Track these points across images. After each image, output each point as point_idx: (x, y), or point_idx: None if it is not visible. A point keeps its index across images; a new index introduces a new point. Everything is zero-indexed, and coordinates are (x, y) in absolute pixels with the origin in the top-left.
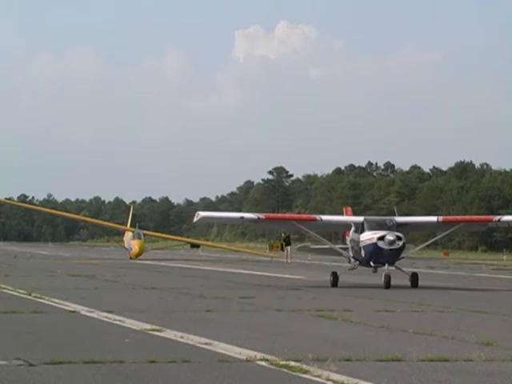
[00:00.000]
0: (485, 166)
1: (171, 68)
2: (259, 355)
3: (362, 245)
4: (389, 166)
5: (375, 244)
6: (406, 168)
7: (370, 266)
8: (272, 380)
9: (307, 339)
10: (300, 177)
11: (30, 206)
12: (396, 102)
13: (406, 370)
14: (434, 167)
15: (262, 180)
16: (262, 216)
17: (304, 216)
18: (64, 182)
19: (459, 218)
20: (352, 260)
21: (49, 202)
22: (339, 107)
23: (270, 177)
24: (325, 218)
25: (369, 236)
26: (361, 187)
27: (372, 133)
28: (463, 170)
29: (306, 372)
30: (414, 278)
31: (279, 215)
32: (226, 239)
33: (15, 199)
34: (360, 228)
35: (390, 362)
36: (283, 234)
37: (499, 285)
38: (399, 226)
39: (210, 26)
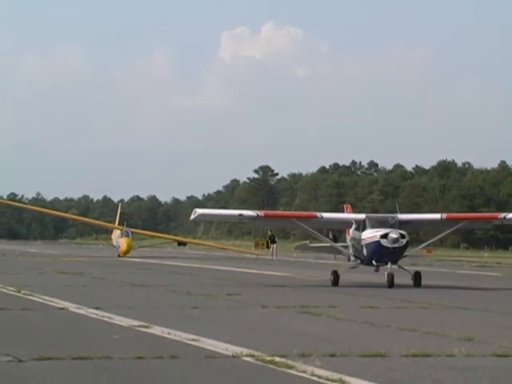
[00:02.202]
0: (466, 165)
1: (159, 68)
2: (245, 351)
3: (363, 243)
4: (372, 164)
5: (378, 242)
6: (390, 167)
7: (372, 264)
8: (258, 375)
9: (292, 335)
10: (285, 175)
11: (20, 205)
12: (380, 101)
13: (390, 365)
14: (416, 166)
15: (248, 179)
16: (261, 213)
17: (305, 213)
18: (53, 181)
19: (464, 215)
20: (352, 258)
21: (38, 200)
22: (324, 107)
23: (256, 175)
24: (326, 215)
25: (371, 234)
26: (345, 186)
27: (356, 132)
28: (445, 168)
29: (291, 367)
30: (417, 276)
31: (279, 212)
32: (212, 237)
33: (4, 197)
34: (361, 226)
35: (374, 358)
36: (269, 232)
37: (484, 282)
38: (402, 224)
39: (197, 26)
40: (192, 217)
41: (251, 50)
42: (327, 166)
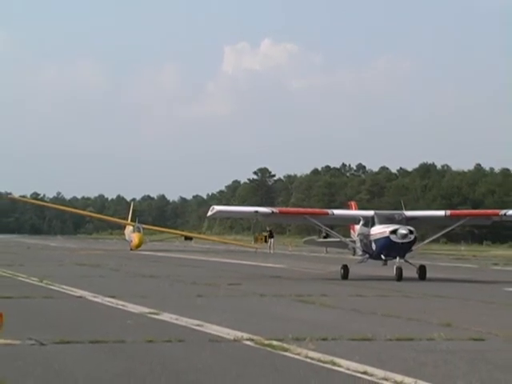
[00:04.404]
0: (445, 167)
1: (167, 80)
2: (245, 335)
3: (372, 238)
4: (360, 167)
5: (388, 237)
6: (376, 169)
7: (381, 259)
8: (257, 357)
9: (288, 321)
10: (281, 177)
11: (41, 203)
12: (368, 110)
13: (376, 348)
14: (400, 168)
15: (248, 179)
16: (276, 210)
17: (317, 210)
18: (72, 182)
19: (466, 212)
20: (360, 253)
21: (58, 199)
22: (317, 114)
23: (255, 177)
24: (336, 212)
25: (380, 229)
26: (335, 186)
27: (346, 138)
28: (426, 170)
29: (286, 350)
30: (422, 270)
31: (292, 209)
32: (215, 232)
33: (28, 197)
34: (370, 222)
35: (362, 341)
36: (267, 228)
37: (463, 273)
38: (408, 220)
39: (202, 42)
40: (209, 213)
41: (251, 63)
42: (319, 168)
